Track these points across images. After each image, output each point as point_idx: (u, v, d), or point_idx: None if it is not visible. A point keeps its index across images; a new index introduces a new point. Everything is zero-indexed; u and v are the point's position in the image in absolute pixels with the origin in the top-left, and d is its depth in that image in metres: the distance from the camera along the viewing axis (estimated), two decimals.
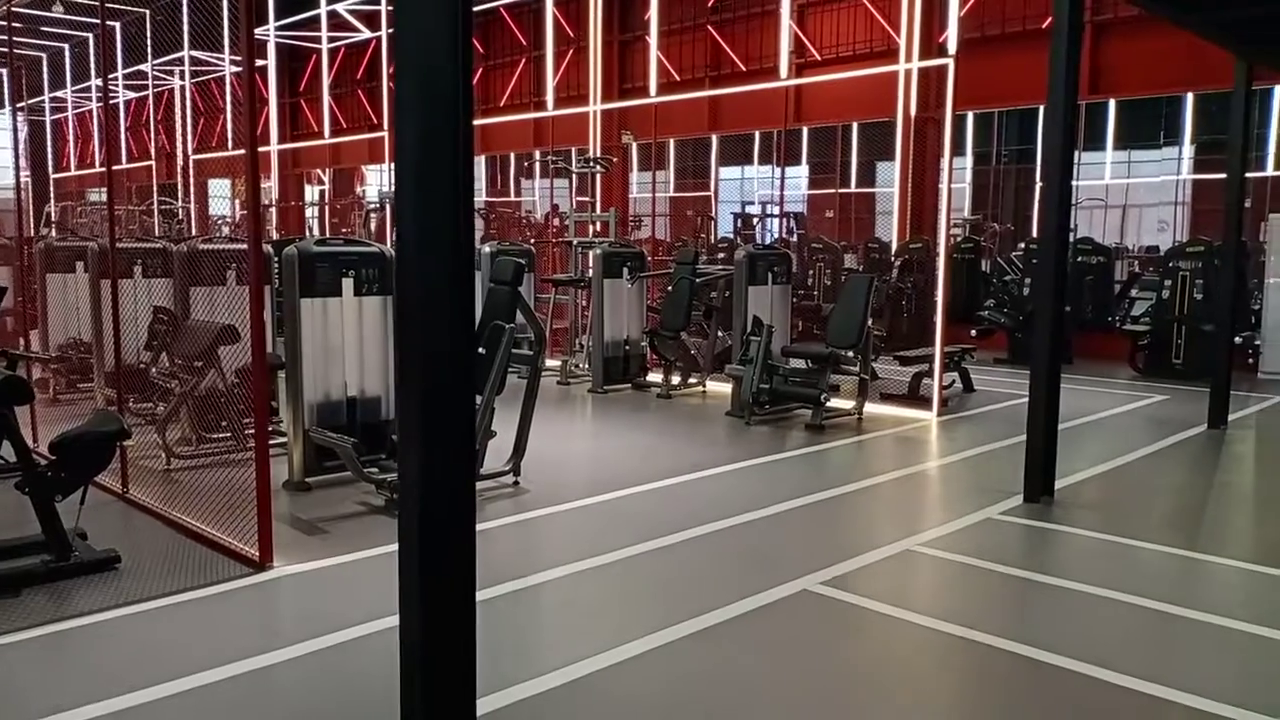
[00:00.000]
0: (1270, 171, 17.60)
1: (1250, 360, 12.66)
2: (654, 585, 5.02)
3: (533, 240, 17.35)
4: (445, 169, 2.96)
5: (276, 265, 7.49)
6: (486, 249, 11.82)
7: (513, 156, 26.99)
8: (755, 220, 20.98)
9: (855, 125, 20.61)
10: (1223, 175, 9.53)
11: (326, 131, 27.90)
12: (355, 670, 3.96)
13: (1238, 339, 11.74)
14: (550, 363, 12.14)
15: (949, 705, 3.89)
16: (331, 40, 27.18)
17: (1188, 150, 21.27)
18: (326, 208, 29.33)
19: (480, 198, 26.26)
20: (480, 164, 27.97)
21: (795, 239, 17.61)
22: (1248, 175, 14.71)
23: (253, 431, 5.44)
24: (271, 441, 7.15)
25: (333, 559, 5.24)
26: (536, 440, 7.15)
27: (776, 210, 18.80)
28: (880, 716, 3.69)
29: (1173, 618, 4.61)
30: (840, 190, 22.22)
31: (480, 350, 6.14)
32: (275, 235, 22.38)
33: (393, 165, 3.18)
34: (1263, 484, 7.59)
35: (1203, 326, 11.63)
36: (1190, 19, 8.05)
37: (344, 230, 23.48)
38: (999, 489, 6.80)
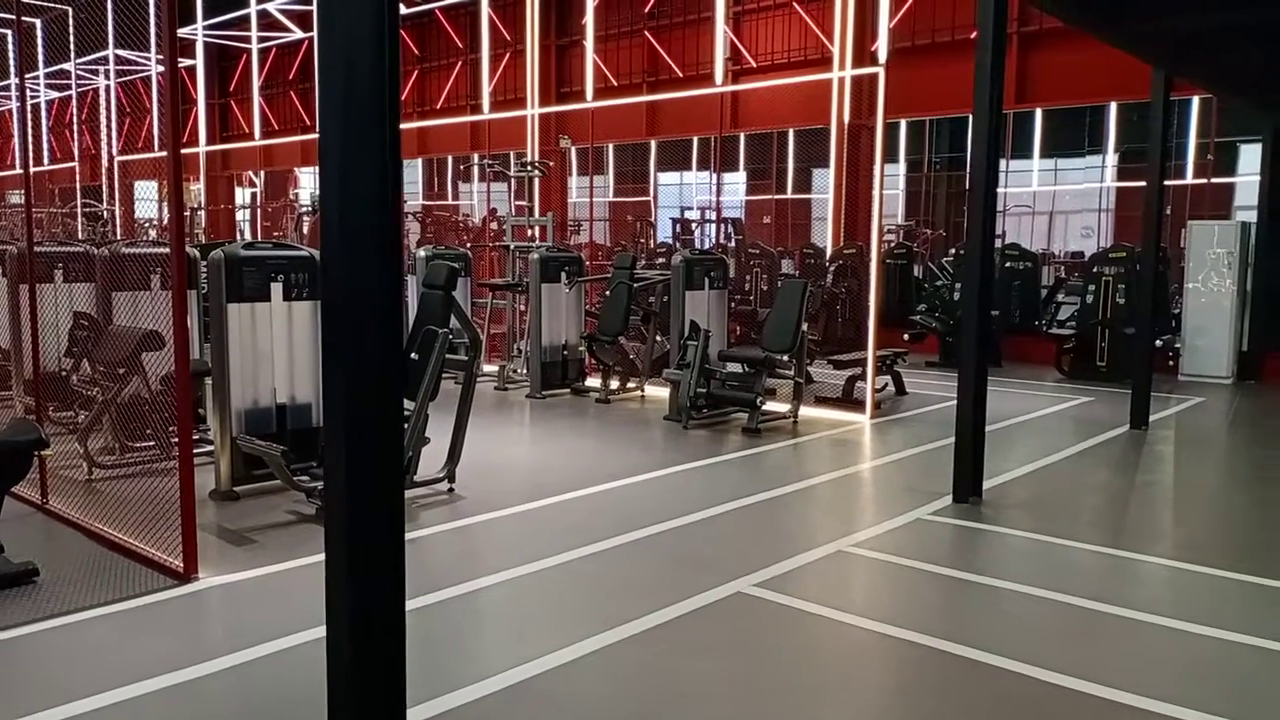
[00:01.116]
0: (1190, 180, 18.19)
1: (1171, 362, 13.08)
2: (591, 590, 5.02)
3: (469, 244, 17.22)
4: (371, 170, 2.92)
5: (204, 269, 7.33)
6: (422, 253, 11.71)
7: (450, 160, 26.77)
8: (694, 225, 21.10)
9: (791, 132, 20.87)
10: (1144, 183, 9.84)
11: (257, 133, 27.39)
12: (283, 682, 3.88)
13: (1158, 342, 12.13)
14: (488, 368, 12.06)
15: (881, 704, 3.95)
16: (262, 40, 26.72)
17: (1111, 158, 21.94)
18: (258, 211, 28.77)
19: (417, 201, 25.99)
20: (417, 167, 27.70)
21: (733, 244, 17.75)
22: (1168, 183, 15.27)
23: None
24: (198, 450, 7.01)
25: (261, 569, 5.14)
26: (473, 446, 7.09)
27: (714, 216, 18.92)
28: (813, 716, 3.73)
29: (1099, 615, 4.74)
30: (777, 196, 22.48)
31: (413, 356, 6.08)
32: (205, 239, 21.91)
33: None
34: (1182, 482, 7.84)
35: (1125, 330, 11.98)
36: (1110, 31, 8.30)
37: (276, 234, 23.06)
38: (929, 490, 6.92)
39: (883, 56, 15.02)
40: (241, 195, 32.72)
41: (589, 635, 4.32)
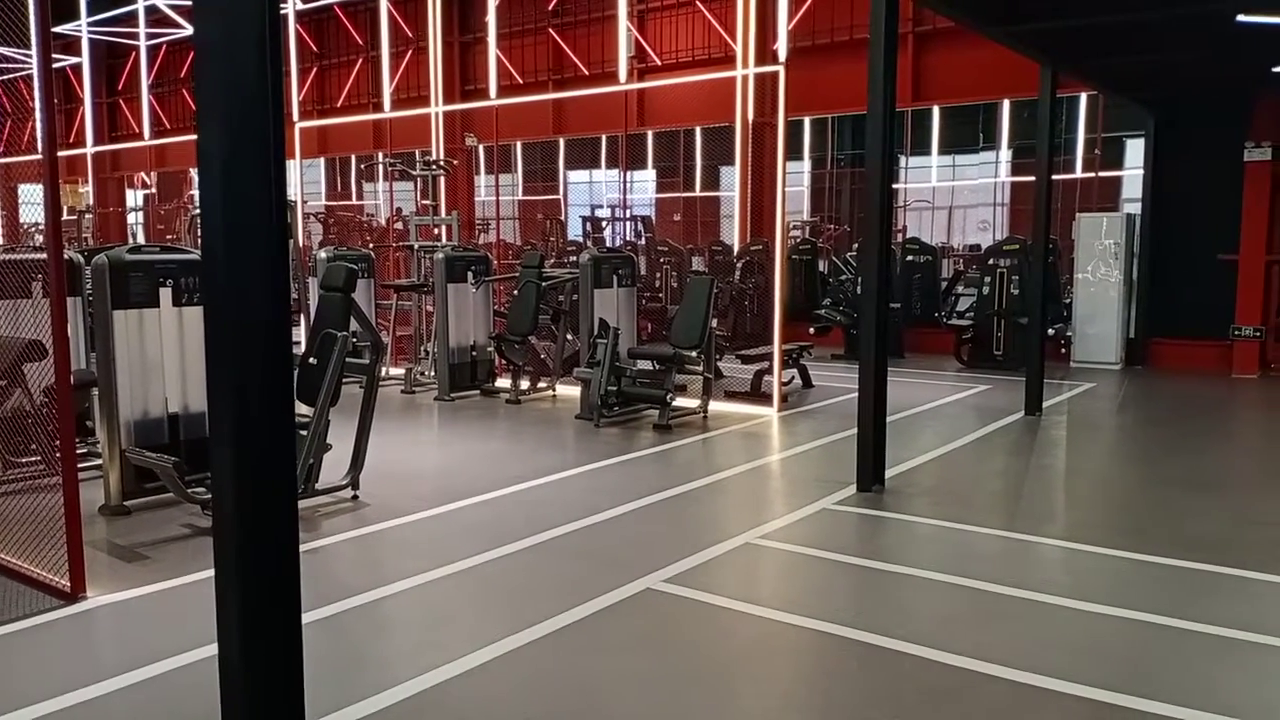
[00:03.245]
0: (1079, 174, 18.90)
1: (1063, 350, 13.59)
2: (499, 593, 4.97)
3: (373, 245, 16.90)
4: (255, 169, 2.83)
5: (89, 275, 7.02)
6: (323, 254, 11.44)
7: (353, 159, 26.22)
8: (604, 223, 21.10)
9: (698, 130, 21.01)
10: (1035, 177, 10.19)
11: (147, 133, 26.41)
12: (178, 703, 3.75)
13: (1051, 331, 12.60)
14: (394, 371, 11.87)
15: (789, 693, 4.00)
16: (151, 37, 25.74)
17: (1005, 154, 22.71)
18: (152, 213, 27.74)
19: (319, 202, 25.40)
20: (319, 167, 27.07)
21: (643, 242, 17.80)
22: (1058, 177, 15.84)
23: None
24: (86, 464, 6.73)
25: (153, 586, 4.95)
26: (378, 452, 6.96)
27: (624, 213, 18.96)
28: (724, 708, 3.75)
29: (999, 597, 4.88)
30: (686, 194, 22.62)
31: (312, 360, 5.93)
32: (94, 243, 21.02)
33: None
34: (1074, 466, 8.14)
35: (1019, 320, 12.40)
36: (997, 30, 8.57)
37: (169, 237, 22.28)
38: (834, 480, 7.05)
39: (783, 55, 15.22)
40: (134, 197, 31.50)
41: (497, 639, 4.27)
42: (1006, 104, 20.94)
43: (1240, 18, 7.27)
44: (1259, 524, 6.20)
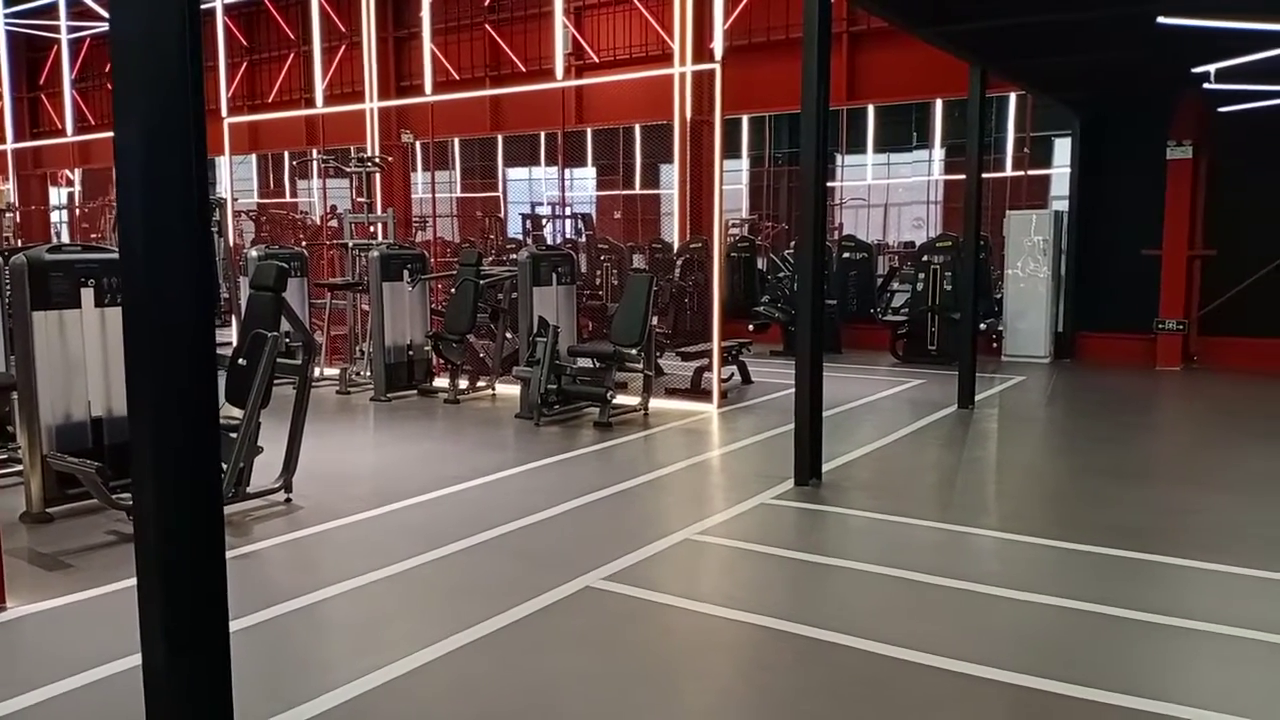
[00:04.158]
0: (1009, 172, 19.31)
1: (995, 344, 13.89)
2: (437, 594, 4.92)
3: (306, 243, 16.60)
4: (175, 165, 2.75)
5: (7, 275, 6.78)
6: (254, 253, 11.21)
7: (286, 155, 25.74)
8: (544, 221, 21.00)
9: (638, 128, 21.03)
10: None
11: (70, 129, 25.64)
12: (101, 715, 3.64)
13: (982, 326, 12.87)
14: (329, 372, 11.68)
15: (727, 688, 4.02)
16: (74, 30, 24.99)
17: (938, 153, 23.12)
18: (76, 211, 26.93)
19: (251, 199, 24.89)
20: (251, 163, 26.54)
21: (583, 240, 17.76)
22: (989, 175, 16.17)
23: None
24: (6, 470, 6.52)
25: (77, 594, 4.80)
26: (312, 454, 6.84)
27: (563, 211, 18.88)
28: (663, 705, 3.76)
29: (934, 587, 4.96)
30: (625, 191, 22.63)
31: (241, 361, 5.80)
32: (16, 242, 20.35)
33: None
34: (1005, 457, 8.32)
35: (952, 315, 12.63)
36: (927, 31, 8.71)
37: (94, 235, 21.64)
38: (772, 475, 7.11)
39: (719, 53, 15.31)
40: (57, 195, 30.54)
41: (433, 642, 4.22)
42: (939, 103, 21.32)
43: (1161, 19, 7.48)
44: (1180, 511, 6.40)
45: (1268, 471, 7.44)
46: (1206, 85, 9.43)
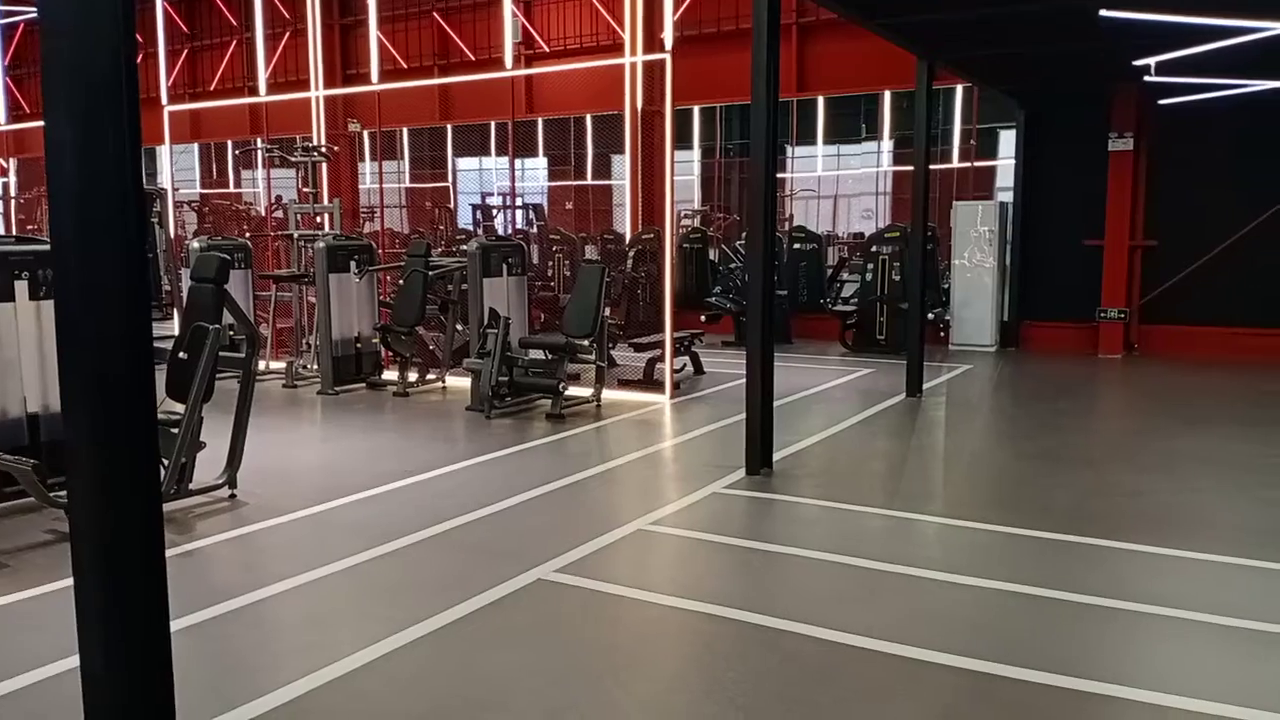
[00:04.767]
0: (956, 163, 19.54)
1: (942, 334, 14.08)
2: (387, 590, 4.86)
3: (250, 234, 16.29)
4: (108, 155, 2.67)
5: None
6: (196, 244, 10.98)
7: (229, 145, 25.23)
8: (495, 211, 20.83)
9: (589, 118, 20.93)
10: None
11: (2, 117, 24.89)
12: (39, 718, 3.54)
13: (930, 315, 13.03)
14: (275, 365, 11.50)
15: (678, 677, 4.02)
16: (7, 15, 24.23)
17: (887, 144, 23.32)
18: (11, 202, 26.16)
19: (193, 189, 24.38)
20: (193, 152, 25.99)
21: (535, 230, 17.65)
22: (937, 167, 16.36)
23: None
24: None
25: (13, 595, 4.67)
26: (257, 449, 6.73)
27: (514, 202, 18.75)
28: (614, 695, 3.75)
29: (881, 574, 5.02)
30: (577, 182, 22.52)
31: (182, 355, 5.68)
32: None
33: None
34: (952, 445, 8.44)
35: (901, 305, 12.77)
36: (874, 23, 8.78)
37: (30, 227, 21.04)
38: (724, 464, 7.14)
39: (669, 43, 15.29)
40: None
41: (382, 638, 4.18)
42: (888, 95, 21.50)
43: (1103, 12, 7.61)
44: (1119, 495, 6.54)
45: (1204, 455, 7.63)
46: (1147, 78, 9.62)
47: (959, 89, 18.27)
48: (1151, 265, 13.23)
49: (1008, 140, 18.89)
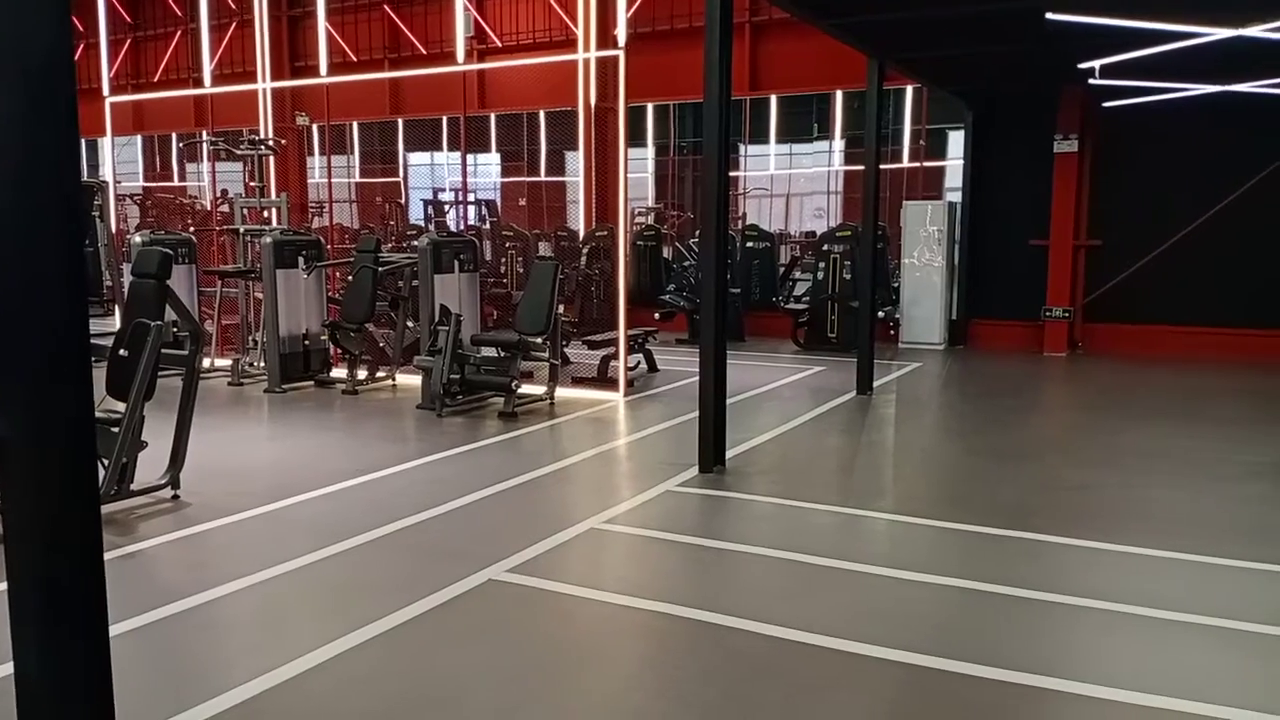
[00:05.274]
0: (906, 163, 19.76)
1: (892, 332, 14.24)
2: (334, 591, 4.79)
3: (195, 229, 15.98)
4: (42, 147, 2.59)
5: None
6: (139, 239, 10.74)
7: (174, 137, 24.72)
8: (447, 207, 20.65)
9: (542, 114, 20.82)
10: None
11: None
12: None
13: (880, 314, 13.17)
14: (221, 362, 11.29)
15: (628, 675, 4.02)
16: None
17: (839, 143, 23.51)
18: None
19: (136, 182, 23.84)
20: (136, 144, 25.42)
21: (488, 226, 17.53)
22: (887, 167, 16.53)
23: None
24: None
25: None
26: (202, 448, 6.60)
27: (467, 197, 18.60)
28: (565, 694, 3.74)
29: (830, 570, 5.06)
30: (530, 178, 22.39)
31: (123, 352, 5.54)
32: None
33: None
34: (901, 441, 8.54)
35: (852, 303, 12.88)
36: (826, 23, 8.84)
37: None
38: (677, 462, 7.14)
39: (622, 40, 15.26)
40: None
41: (332, 639, 4.11)
42: (839, 95, 21.68)
43: (1050, 15, 7.74)
44: (1062, 489, 6.67)
45: (1148, 450, 7.80)
46: (1092, 81, 9.81)
47: (909, 89, 18.47)
48: (1095, 265, 13.50)
49: (957, 141, 19.15)
